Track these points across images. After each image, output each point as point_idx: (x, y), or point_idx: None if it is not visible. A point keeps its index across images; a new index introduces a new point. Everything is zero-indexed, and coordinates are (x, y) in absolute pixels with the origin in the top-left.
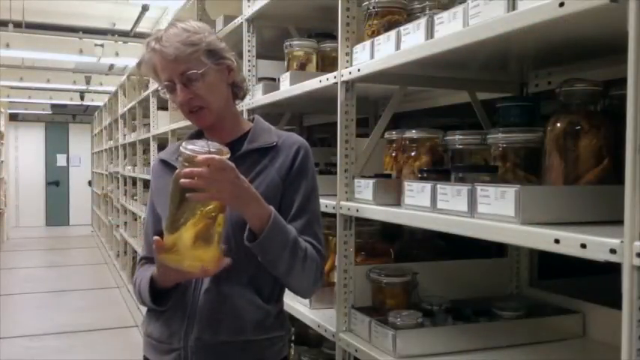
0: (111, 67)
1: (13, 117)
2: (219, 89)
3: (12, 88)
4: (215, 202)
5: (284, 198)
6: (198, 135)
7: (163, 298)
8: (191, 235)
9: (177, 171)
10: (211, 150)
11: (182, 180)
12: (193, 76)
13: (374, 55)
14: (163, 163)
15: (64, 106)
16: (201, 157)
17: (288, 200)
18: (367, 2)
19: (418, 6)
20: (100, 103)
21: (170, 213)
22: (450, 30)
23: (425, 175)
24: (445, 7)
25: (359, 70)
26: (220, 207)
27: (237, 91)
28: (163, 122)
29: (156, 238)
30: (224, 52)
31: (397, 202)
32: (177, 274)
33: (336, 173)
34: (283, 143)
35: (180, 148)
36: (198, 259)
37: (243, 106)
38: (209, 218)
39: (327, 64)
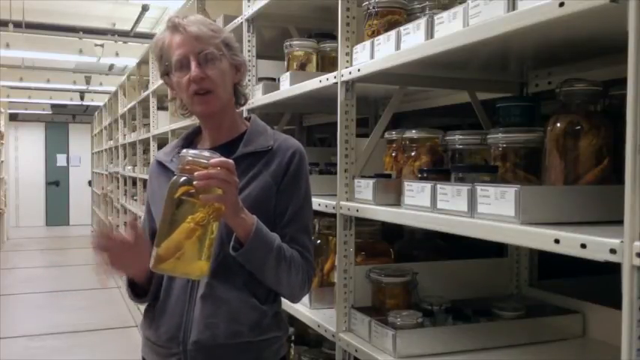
0: (111, 67)
1: (13, 117)
2: (228, 81)
3: (12, 88)
4: (215, 208)
5: (277, 204)
6: (194, 135)
7: (142, 291)
8: (193, 241)
9: (174, 178)
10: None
11: (196, 182)
12: (211, 56)
13: (374, 55)
14: (159, 164)
15: (64, 106)
16: (216, 160)
17: (280, 207)
18: (367, 2)
19: (418, 6)
20: (100, 103)
21: (166, 221)
22: (450, 30)
23: (425, 175)
24: (445, 7)
25: (359, 70)
26: (219, 214)
27: (239, 94)
28: (163, 122)
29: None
30: (238, 51)
31: (397, 202)
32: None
33: (336, 173)
34: (279, 147)
35: (182, 153)
36: (198, 268)
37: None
38: (206, 225)
39: (327, 64)
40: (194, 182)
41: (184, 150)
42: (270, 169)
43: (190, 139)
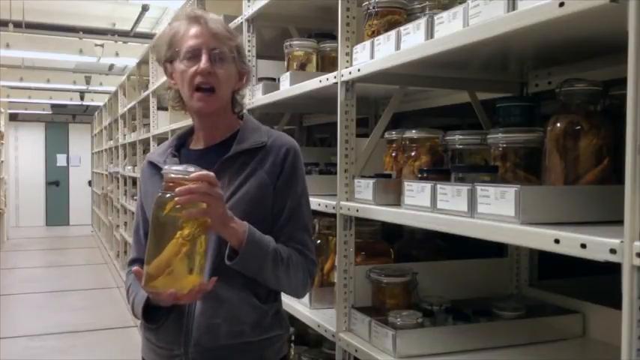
0: (111, 67)
1: (13, 117)
2: (230, 85)
3: (12, 88)
4: (200, 222)
5: (274, 203)
6: (187, 135)
7: (156, 315)
8: (182, 257)
9: (158, 195)
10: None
11: (178, 198)
12: (224, 55)
13: (374, 55)
14: (151, 164)
15: (64, 106)
16: (195, 174)
17: (278, 206)
18: (367, 2)
19: (418, 6)
20: (100, 103)
21: (154, 238)
22: (450, 30)
23: (425, 175)
24: (445, 7)
25: (359, 70)
26: (205, 227)
27: (235, 102)
28: (163, 122)
29: (136, 269)
30: (246, 60)
31: (397, 202)
32: (169, 297)
33: (336, 173)
34: (273, 144)
35: (164, 170)
36: (190, 283)
37: (244, 105)
38: (194, 240)
39: (327, 64)
40: (176, 198)
41: (166, 167)
42: (265, 167)
43: (184, 139)
